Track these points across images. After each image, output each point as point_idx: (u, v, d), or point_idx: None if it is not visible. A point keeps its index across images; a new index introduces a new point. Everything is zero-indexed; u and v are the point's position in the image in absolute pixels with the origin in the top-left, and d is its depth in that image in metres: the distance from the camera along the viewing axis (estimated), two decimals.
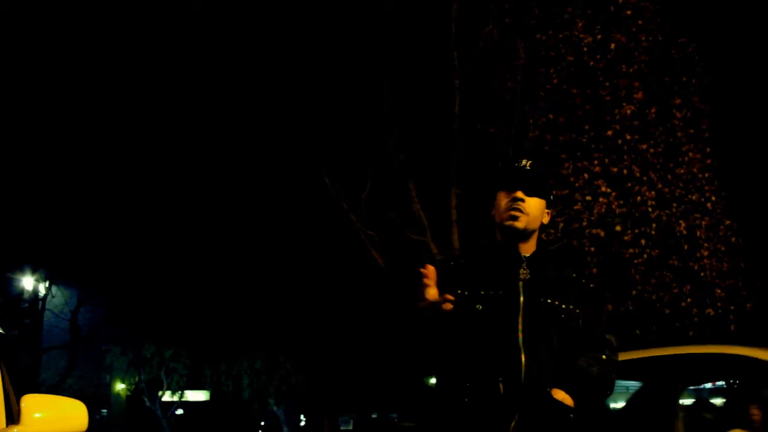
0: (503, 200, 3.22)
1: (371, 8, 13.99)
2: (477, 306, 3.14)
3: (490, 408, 3.03)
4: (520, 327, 3.08)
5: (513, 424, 3.00)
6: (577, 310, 3.18)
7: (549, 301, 3.15)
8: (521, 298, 3.13)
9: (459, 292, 3.13)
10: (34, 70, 20.41)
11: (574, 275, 3.29)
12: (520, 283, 3.16)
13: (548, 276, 3.21)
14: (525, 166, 3.22)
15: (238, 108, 16.32)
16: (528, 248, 3.25)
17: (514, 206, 3.16)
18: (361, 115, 14.54)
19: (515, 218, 3.16)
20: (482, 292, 3.16)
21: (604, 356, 3.18)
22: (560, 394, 3.05)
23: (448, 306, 2.99)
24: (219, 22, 15.23)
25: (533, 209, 3.19)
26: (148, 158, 21.96)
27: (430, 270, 3.03)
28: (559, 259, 3.30)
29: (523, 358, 3.05)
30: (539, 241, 3.28)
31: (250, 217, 22.26)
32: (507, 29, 13.60)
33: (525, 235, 3.21)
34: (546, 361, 3.07)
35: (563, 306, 3.16)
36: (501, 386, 3.03)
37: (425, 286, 3.01)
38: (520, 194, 3.17)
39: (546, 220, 3.28)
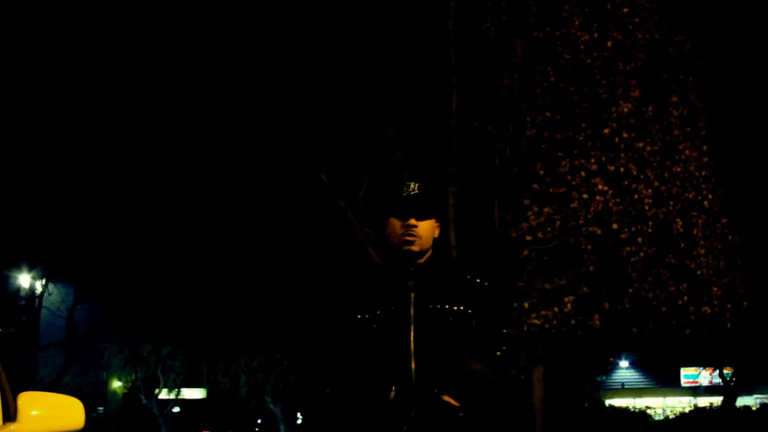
0: (396, 226, 3.33)
1: (369, 6, 13.99)
2: (372, 326, 3.31)
3: (383, 414, 3.18)
4: (411, 337, 3.21)
5: (405, 428, 3.14)
6: (469, 310, 3.29)
7: (438, 306, 3.26)
8: (411, 310, 3.24)
9: (359, 317, 3.36)
10: (33, 68, 20.41)
11: (469, 276, 3.40)
12: (412, 295, 3.28)
13: (438, 282, 3.33)
14: (413, 191, 3.34)
15: (235, 107, 16.31)
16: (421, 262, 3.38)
17: (408, 233, 3.29)
18: (358, 112, 14.54)
19: (410, 243, 3.29)
20: (378, 312, 3.31)
21: (498, 353, 3.32)
22: (447, 397, 3.17)
23: None
24: (218, 18, 15.21)
25: (426, 232, 3.33)
26: (144, 155, 21.95)
27: None
28: (453, 263, 3.52)
29: (413, 364, 3.17)
30: (433, 250, 3.40)
31: (247, 214, 22.25)
32: (504, 27, 13.60)
33: (420, 255, 3.34)
34: (437, 364, 3.19)
35: (454, 308, 3.27)
36: (392, 393, 3.17)
37: None
38: (412, 221, 3.30)
39: (437, 232, 3.42)
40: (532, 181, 13.16)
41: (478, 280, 3.40)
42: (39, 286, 29.00)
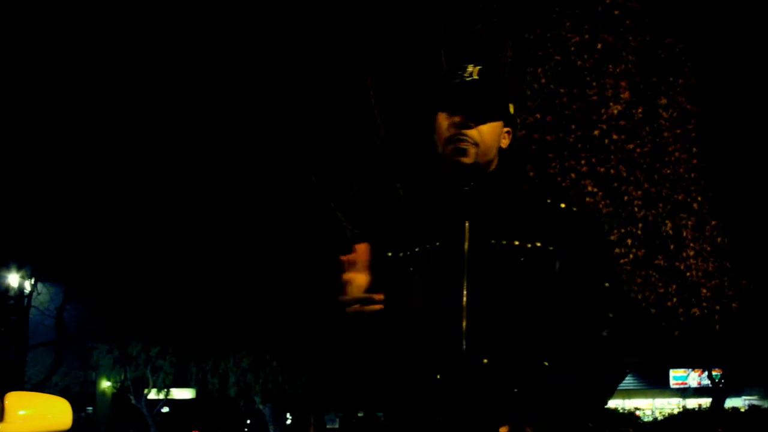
0: (444, 124, 2.34)
1: (361, 7, 13.99)
2: (409, 268, 2.30)
3: (425, 402, 2.19)
4: (464, 285, 2.20)
5: (441, 418, 2.17)
6: (550, 248, 2.23)
7: (504, 242, 2.22)
8: (466, 245, 2.24)
9: (390, 255, 2.35)
10: (28, 67, 20.39)
11: (549, 201, 2.32)
12: (467, 224, 2.27)
13: (506, 208, 2.31)
14: (470, 77, 2.31)
15: (224, 107, 16.30)
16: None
17: (458, 137, 2.29)
18: (348, 113, 14.53)
19: (462, 152, 2.29)
20: (417, 249, 2.31)
21: (605, 332, 2.19)
22: None
23: (375, 307, 2.27)
24: (211, 19, 15.20)
25: (486, 137, 2.30)
26: (132, 154, 21.93)
27: (360, 251, 2.31)
28: (530, 185, 2.41)
29: (464, 325, 2.17)
30: (499, 165, 2.39)
31: (237, 214, 22.24)
32: (495, 28, 13.61)
33: (478, 169, 2.32)
34: (497, 327, 2.17)
35: (528, 245, 2.22)
36: (437, 363, 2.19)
37: (347, 275, 2.30)
38: (463, 120, 2.29)
39: (506, 143, 2.39)
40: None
41: (563, 205, 2.30)
42: (28, 285, 28.94)
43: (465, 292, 2.19)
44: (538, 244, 2.22)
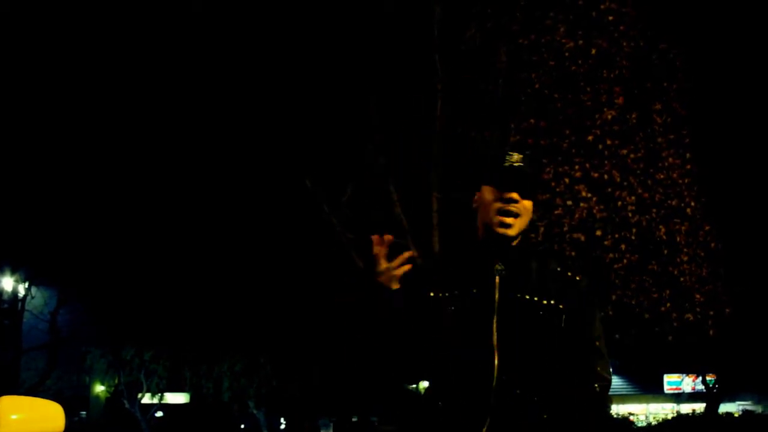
0: (491, 198, 2.88)
1: (355, 12, 14.01)
2: (450, 308, 2.85)
3: (462, 412, 2.75)
4: (494, 327, 2.77)
5: (484, 429, 2.71)
6: (560, 306, 2.83)
7: (527, 297, 2.82)
8: (496, 295, 2.81)
9: (432, 294, 2.89)
10: (25, 66, 20.37)
11: (559, 269, 2.92)
12: (497, 279, 2.83)
13: (528, 270, 2.88)
14: (517, 163, 2.85)
15: (220, 110, 16.30)
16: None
17: (507, 209, 2.84)
18: (342, 117, 14.55)
19: (508, 226, 2.85)
20: (456, 292, 2.86)
21: (596, 386, 2.84)
22: None
23: (401, 270, 2.88)
24: (207, 22, 15.21)
25: (526, 212, 2.88)
26: (126, 158, 21.90)
27: (387, 238, 2.91)
28: (543, 253, 2.97)
29: (496, 360, 2.74)
30: (524, 235, 2.95)
31: (230, 219, 22.22)
32: (489, 34, 13.62)
33: (514, 238, 2.90)
34: (523, 363, 2.75)
35: (544, 302, 2.82)
36: (473, 389, 2.74)
37: (377, 255, 2.90)
38: (515, 196, 2.84)
39: (533, 216, 3.00)
40: None
41: (569, 274, 2.92)
42: (22, 289, 28.86)
43: (495, 333, 2.78)
44: (552, 302, 2.84)
